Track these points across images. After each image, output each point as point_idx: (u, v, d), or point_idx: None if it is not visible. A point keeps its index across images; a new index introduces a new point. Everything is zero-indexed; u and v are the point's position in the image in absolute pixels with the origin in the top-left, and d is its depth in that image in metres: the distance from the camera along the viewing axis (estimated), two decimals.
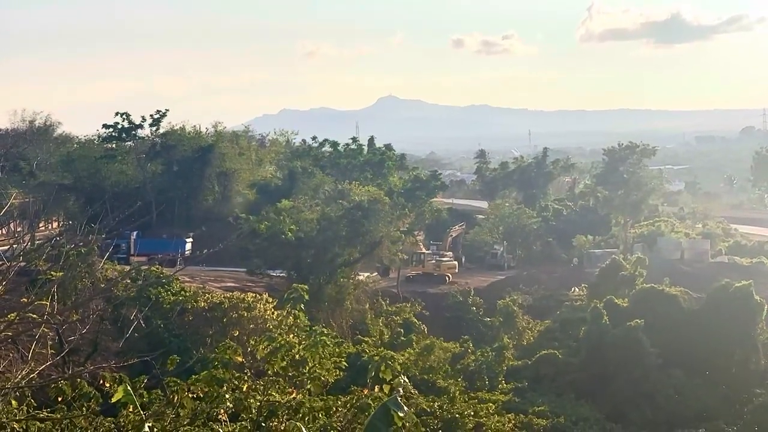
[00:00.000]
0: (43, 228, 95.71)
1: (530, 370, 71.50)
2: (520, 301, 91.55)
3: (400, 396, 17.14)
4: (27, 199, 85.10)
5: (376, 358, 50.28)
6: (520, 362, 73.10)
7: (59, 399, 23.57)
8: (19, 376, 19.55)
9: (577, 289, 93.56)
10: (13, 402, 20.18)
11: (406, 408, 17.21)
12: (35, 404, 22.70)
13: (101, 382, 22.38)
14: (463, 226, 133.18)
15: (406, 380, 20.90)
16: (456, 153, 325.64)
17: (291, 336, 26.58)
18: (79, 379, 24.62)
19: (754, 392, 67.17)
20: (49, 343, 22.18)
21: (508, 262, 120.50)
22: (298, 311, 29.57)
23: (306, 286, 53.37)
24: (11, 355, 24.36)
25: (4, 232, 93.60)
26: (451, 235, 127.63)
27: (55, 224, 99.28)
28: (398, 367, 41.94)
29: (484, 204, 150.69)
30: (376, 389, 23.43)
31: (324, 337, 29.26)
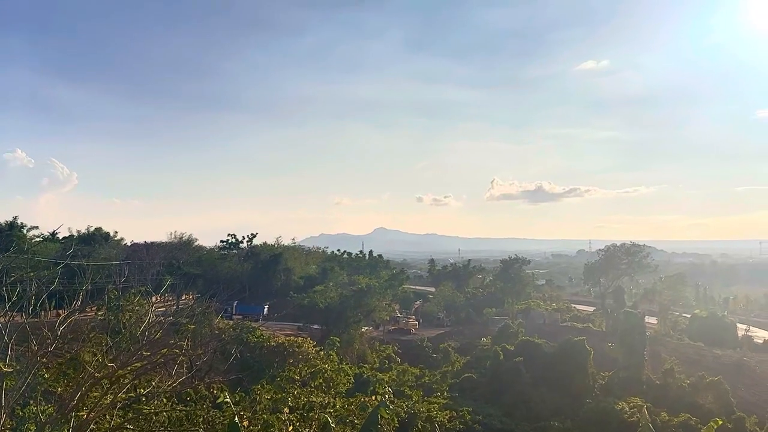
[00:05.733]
0: (184, 298, 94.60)
1: (459, 385, 70.30)
2: (453, 345, 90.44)
3: (386, 400, 16.84)
4: (175, 282, 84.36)
5: (373, 378, 49.44)
6: (453, 380, 71.91)
7: (188, 399, 23.07)
8: (167, 385, 19.19)
9: (485, 339, 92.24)
10: (164, 399, 19.78)
11: (389, 407, 16.91)
12: (176, 401, 22.20)
13: (213, 389, 22.02)
14: (421, 302, 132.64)
15: (390, 390, 20.55)
16: (418, 260, 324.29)
17: (326, 365, 26.00)
18: (200, 388, 24.21)
19: (586, 401, 66.05)
20: (184, 365, 21.73)
21: (446, 322, 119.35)
22: (332, 352, 29.00)
23: (338, 338, 52.55)
24: (162, 372, 23.84)
25: (161, 299, 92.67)
26: (414, 307, 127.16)
27: (190, 296, 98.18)
28: (384, 383, 41.14)
29: (432, 289, 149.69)
30: (373, 397, 23.00)
31: (343, 365, 28.75)
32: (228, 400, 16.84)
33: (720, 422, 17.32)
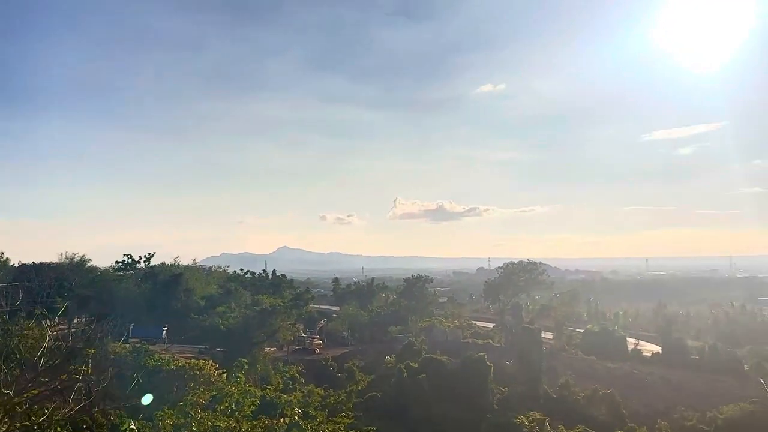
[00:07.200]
0: (76, 322, 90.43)
1: (364, 405, 70.22)
2: (357, 364, 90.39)
3: (296, 422, 16.75)
4: (67, 304, 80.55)
5: (278, 399, 48.75)
6: (358, 400, 71.80)
7: (85, 427, 22.08)
8: (62, 413, 18.39)
9: (389, 357, 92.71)
10: (59, 428, 18.91)
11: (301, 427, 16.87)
12: (72, 429, 21.20)
13: (110, 417, 21.23)
14: (325, 321, 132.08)
15: (299, 412, 20.43)
16: (322, 279, 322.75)
17: (232, 387, 25.46)
18: (96, 415, 23.22)
19: (487, 416, 67.46)
20: (82, 392, 20.83)
21: (351, 341, 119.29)
22: (240, 374, 28.44)
23: (246, 359, 51.38)
24: (57, 399, 22.78)
25: (51, 323, 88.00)
26: (319, 326, 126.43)
27: (82, 319, 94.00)
28: (294, 404, 40.65)
29: (337, 308, 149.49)
30: (281, 420, 22.72)
31: (249, 387, 28.25)
32: (133, 426, 16.25)
33: None
